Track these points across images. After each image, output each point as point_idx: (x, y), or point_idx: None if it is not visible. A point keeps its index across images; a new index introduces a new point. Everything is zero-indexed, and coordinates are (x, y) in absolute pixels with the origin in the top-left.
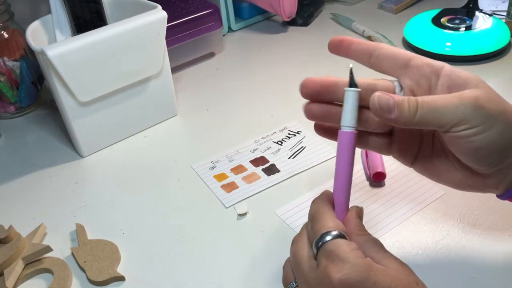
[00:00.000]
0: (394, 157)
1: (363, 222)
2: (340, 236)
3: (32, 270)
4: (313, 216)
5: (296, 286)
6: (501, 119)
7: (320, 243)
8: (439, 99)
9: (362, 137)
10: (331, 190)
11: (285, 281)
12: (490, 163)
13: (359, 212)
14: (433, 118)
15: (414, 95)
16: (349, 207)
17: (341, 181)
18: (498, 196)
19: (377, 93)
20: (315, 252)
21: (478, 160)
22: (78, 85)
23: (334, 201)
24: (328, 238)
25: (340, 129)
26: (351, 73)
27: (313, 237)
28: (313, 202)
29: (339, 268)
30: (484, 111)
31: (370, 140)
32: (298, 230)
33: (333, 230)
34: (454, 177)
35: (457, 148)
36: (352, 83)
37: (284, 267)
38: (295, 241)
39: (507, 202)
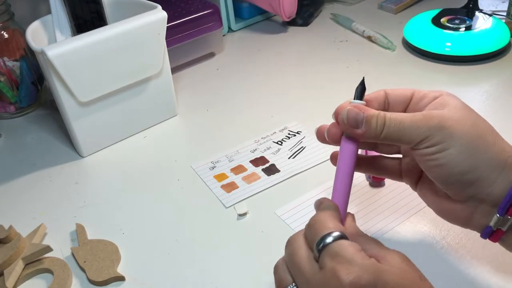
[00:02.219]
0: (405, 182)
1: (360, 225)
2: (343, 237)
3: (32, 270)
4: (312, 218)
5: None
6: (463, 139)
7: (321, 244)
8: (406, 118)
9: (374, 160)
10: (330, 190)
11: (280, 285)
12: (455, 184)
13: (353, 217)
14: (398, 136)
15: None
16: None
17: (341, 186)
18: (480, 235)
19: (347, 107)
20: (317, 254)
21: (443, 180)
22: (78, 85)
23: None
24: (330, 239)
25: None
26: (361, 84)
27: (312, 238)
28: (317, 203)
29: (348, 270)
30: (447, 130)
31: (382, 163)
32: (298, 230)
33: (334, 231)
34: (440, 206)
35: (424, 166)
36: (358, 96)
37: (276, 271)
38: (290, 243)
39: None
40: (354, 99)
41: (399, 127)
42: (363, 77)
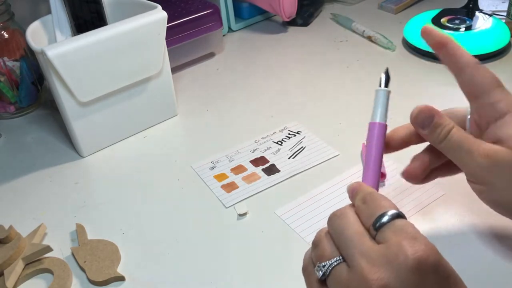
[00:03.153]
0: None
1: None
2: (402, 216)
3: (32, 270)
4: (367, 195)
5: (341, 262)
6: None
7: (382, 220)
8: (467, 143)
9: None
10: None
11: (323, 257)
12: (507, 211)
13: None
14: (451, 154)
15: (476, 126)
16: None
17: (372, 173)
18: None
19: (419, 106)
20: (374, 230)
21: (491, 206)
22: (78, 85)
23: None
24: (390, 216)
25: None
26: (386, 73)
27: (370, 214)
28: (356, 186)
29: (414, 247)
30: (497, 175)
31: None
32: (298, 230)
33: (393, 209)
34: None
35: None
36: (383, 83)
37: (319, 242)
38: (339, 217)
39: None
40: (380, 86)
41: (455, 148)
42: (387, 68)
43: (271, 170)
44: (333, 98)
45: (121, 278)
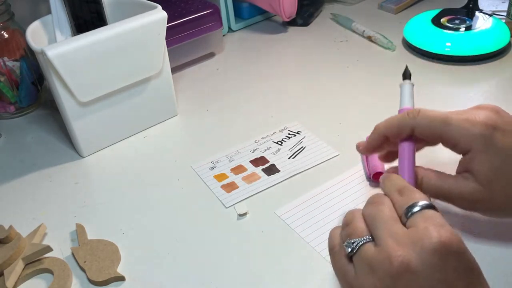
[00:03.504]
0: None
1: None
2: (433, 207)
3: (32, 270)
4: (404, 188)
5: (370, 241)
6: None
7: (414, 209)
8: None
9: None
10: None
11: (355, 233)
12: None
13: None
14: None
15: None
16: None
17: (408, 167)
18: None
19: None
20: (405, 218)
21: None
22: (78, 85)
23: None
24: (421, 206)
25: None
26: (407, 70)
27: (403, 203)
28: (390, 177)
29: (440, 233)
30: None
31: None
32: (298, 230)
33: (425, 200)
34: None
35: None
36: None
37: (353, 219)
38: (375, 201)
39: None
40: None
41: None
42: (406, 65)
43: (271, 170)
44: (333, 98)
45: (121, 278)
